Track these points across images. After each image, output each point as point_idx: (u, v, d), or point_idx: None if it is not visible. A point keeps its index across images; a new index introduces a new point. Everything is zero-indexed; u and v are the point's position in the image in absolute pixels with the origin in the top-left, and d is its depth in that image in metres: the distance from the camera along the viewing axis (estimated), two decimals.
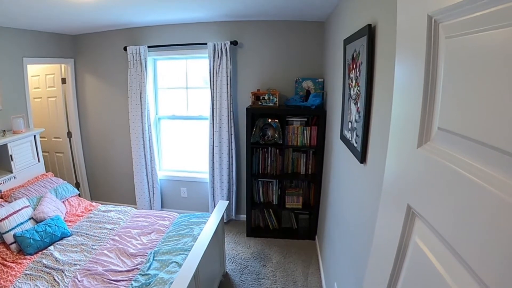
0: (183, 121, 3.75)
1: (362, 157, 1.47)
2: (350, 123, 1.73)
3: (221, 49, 3.15)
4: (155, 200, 3.78)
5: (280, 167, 3.18)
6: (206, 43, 3.19)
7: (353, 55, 1.66)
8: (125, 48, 3.40)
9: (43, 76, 3.81)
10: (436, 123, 0.56)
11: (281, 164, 3.17)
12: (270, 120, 3.07)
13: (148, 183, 3.75)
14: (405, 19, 0.68)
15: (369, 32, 1.36)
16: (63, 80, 3.75)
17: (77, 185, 4.11)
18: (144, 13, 2.85)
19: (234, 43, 3.19)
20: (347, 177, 1.89)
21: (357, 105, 1.57)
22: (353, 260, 1.62)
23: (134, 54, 3.36)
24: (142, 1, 2.45)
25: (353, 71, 1.66)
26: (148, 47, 3.36)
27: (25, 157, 3.00)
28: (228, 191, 3.53)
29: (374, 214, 1.21)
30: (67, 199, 3.02)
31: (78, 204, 3.04)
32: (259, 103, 3.07)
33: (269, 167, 3.22)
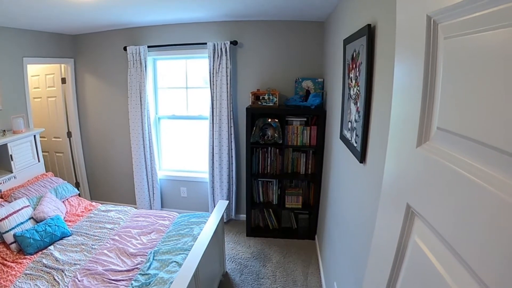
0: (183, 121, 3.75)
1: (362, 157, 1.47)
2: (350, 123, 1.73)
3: (221, 49, 3.15)
4: (155, 200, 3.78)
5: (280, 167, 3.18)
6: (206, 43, 3.19)
7: (353, 55, 1.66)
8: (125, 48, 3.40)
9: (43, 76, 3.81)
10: (435, 123, 0.56)
11: (281, 164, 3.18)
12: (270, 120, 3.07)
13: (148, 183, 3.75)
14: (405, 19, 0.69)
15: (369, 32, 1.36)
16: (63, 80, 3.75)
17: (77, 185, 4.11)
18: (144, 13, 2.85)
19: (234, 43, 3.20)
20: (347, 177, 1.89)
21: (357, 105, 1.57)
22: (353, 260, 1.62)
23: (134, 54, 3.36)
24: (142, 1, 2.45)
25: (353, 71, 1.66)
26: (148, 47, 3.36)
27: (25, 157, 3.00)
28: (228, 191, 3.54)
29: (374, 214, 1.21)
30: (67, 199, 3.02)
31: (78, 204, 3.04)
32: (259, 103, 3.07)
33: (269, 167, 3.22)
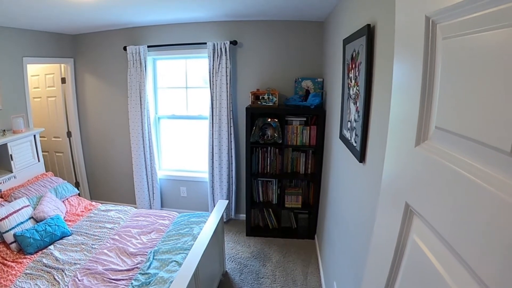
0: (183, 121, 3.75)
1: (361, 157, 1.48)
2: (349, 123, 1.73)
3: (221, 49, 3.15)
4: (155, 200, 3.79)
5: (280, 167, 3.19)
6: (206, 43, 3.19)
7: (352, 55, 1.66)
8: (125, 48, 3.40)
9: (43, 76, 3.81)
10: (434, 123, 0.57)
11: (281, 164, 3.18)
12: (270, 120, 3.07)
13: (148, 183, 3.75)
14: (403, 20, 0.69)
15: (368, 32, 1.37)
16: (63, 80, 3.76)
17: (77, 185, 4.12)
18: (144, 13, 2.85)
19: (234, 43, 3.20)
20: (346, 177, 1.90)
21: (356, 105, 1.58)
22: (353, 260, 1.63)
23: (134, 54, 3.36)
24: (142, 1, 2.45)
25: (352, 71, 1.67)
26: (148, 47, 3.36)
27: (25, 157, 3.00)
28: (228, 191, 3.54)
29: (373, 213, 1.22)
30: (67, 199, 3.03)
31: (78, 204, 3.04)
32: (259, 103, 3.07)
33: (269, 167, 3.22)
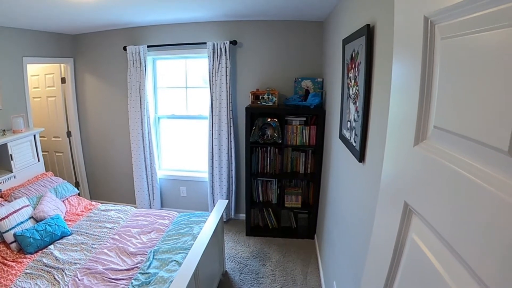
0: (183, 121, 3.75)
1: (361, 156, 1.48)
2: (349, 123, 1.74)
3: (221, 49, 3.16)
4: (155, 200, 3.79)
5: (280, 166, 3.19)
6: (206, 43, 3.19)
7: (352, 55, 1.67)
8: (125, 48, 3.40)
9: (43, 76, 3.81)
10: (432, 122, 0.57)
11: (280, 164, 3.19)
12: (269, 120, 3.07)
13: (148, 183, 3.76)
14: (402, 20, 0.70)
15: (368, 32, 1.37)
16: (63, 80, 3.76)
17: (77, 185, 4.12)
18: (144, 13, 2.86)
19: (234, 43, 3.20)
20: (346, 176, 1.90)
21: (356, 105, 1.58)
22: (352, 259, 1.63)
23: (134, 54, 3.36)
24: (142, 1, 2.45)
25: (352, 71, 1.67)
26: (148, 47, 3.37)
27: (25, 157, 3.00)
28: (228, 190, 3.54)
29: (373, 213, 1.22)
30: (67, 198, 3.03)
31: (78, 204, 3.04)
32: (258, 103, 3.07)
33: (268, 166, 3.23)
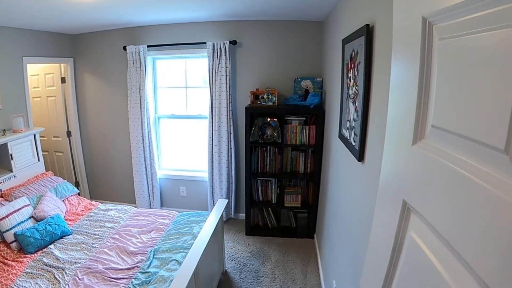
0: (183, 120, 3.76)
1: (360, 156, 1.49)
2: (349, 122, 1.74)
3: (220, 49, 3.16)
4: (155, 199, 3.80)
5: (279, 166, 3.20)
6: (205, 43, 3.20)
7: (351, 55, 1.68)
8: (125, 48, 3.40)
9: (43, 76, 3.81)
10: (430, 121, 0.58)
11: (280, 163, 3.19)
12: (269, 119, 3.08)
13: (148, 182, 3.76)
14: (401, 20, 0.70)
15: (367, 32, 1.38)
16: (63, 80, 3.76)
17: (77, 184, 4.12)
18: (144, 13, 2.86)
19: (233, 43, 3.21)
20: (346, 176, 1.91)
21: (355, 104, 1.59)
22: (352, 258, 1.64)
23: (134, 54, 3.36)
24: (142, 1, 2.46)
25: (351, 71, 1.68)
26: (148, 47, 3.37)
27: (25, 156, 3.01)
28: (227, 190, 3.55)
29: (372, 212, 1.22)
30: (67, 198, 3.03)
31: (78, 203, 3.05)
32: (258, 102, 3.08)
33: (268, 166, 3.23)
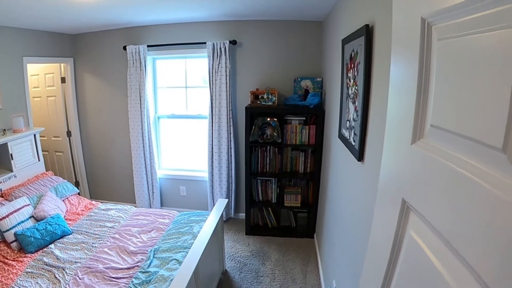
0: (183, 120, 3.76)
1: (360, 155, 1.49)
2: (348, 122, 1.75)
3: (220, 49, 3.16)
4: (155, 199, 3.80)
5: (279, 166, 3.20)
6: (205, 43, 3.20)
7: (351, 55, 1.68)
8: (125, 48, 3.41)
9: (43, 75, 3.81)
10: (429, 121, 0.58)
11: (280, 163, 3.20)
12: (269, 119, 3.08)
13: (148, 182, 3.76)
14: (400, 21, 0.71)
15: (367, 32, 1.38)
16: (63, 79, 3.76)
17: (77, 184, 4.12)
18: (144, 13, 2.86)
19: (233, 43, 3.21)
20: (345, 175, 1.91)
21: (355, 104, 1.59)
22: (352, 258, 1.64)
23: (134, 54, 3.37)
24: (142, 1, 2.46)
25: (351, 71, 1.68)
26: (148, 47, 3.37)
27: (25, 156, 3.01)
28: (227, 190, 3.55)
29: (372, 212, 1.23)
30: (67, 198, 3.04)
31: (78, 203, 3.05)
32: (258, 102, 3.08)
33: (268, 166, 3.24)
